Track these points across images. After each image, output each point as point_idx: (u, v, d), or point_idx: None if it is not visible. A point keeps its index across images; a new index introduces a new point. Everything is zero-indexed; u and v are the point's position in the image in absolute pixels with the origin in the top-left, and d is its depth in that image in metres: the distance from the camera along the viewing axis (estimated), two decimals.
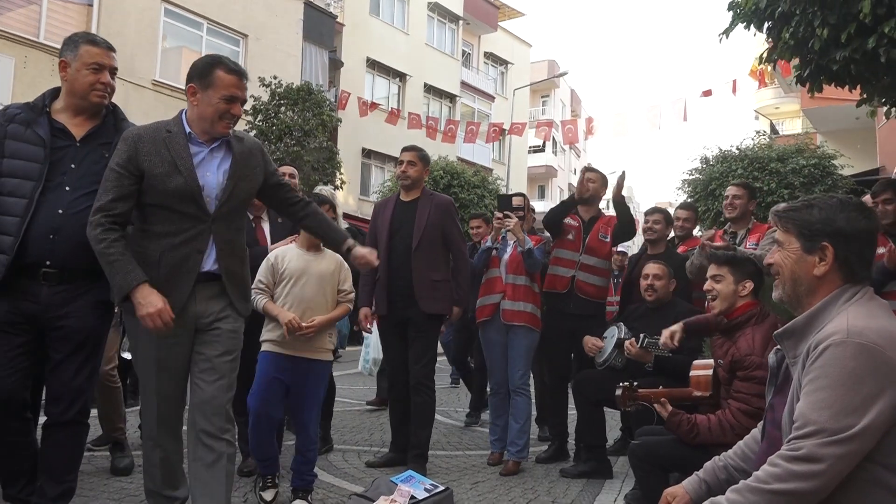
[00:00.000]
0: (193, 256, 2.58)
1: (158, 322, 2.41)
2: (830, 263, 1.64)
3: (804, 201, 1.73)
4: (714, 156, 12.62)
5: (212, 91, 2.55)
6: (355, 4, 21.01)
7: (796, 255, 1.68)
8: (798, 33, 4.08)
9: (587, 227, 4.58)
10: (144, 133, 2.57)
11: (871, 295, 1.63)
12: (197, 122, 2.60)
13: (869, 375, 1.45)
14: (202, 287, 2.61)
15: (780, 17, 4.21)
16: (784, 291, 1.72)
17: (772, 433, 1.73)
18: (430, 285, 4.19)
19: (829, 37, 3.90)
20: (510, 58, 30.10)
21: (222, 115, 2.57)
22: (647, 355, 3.69)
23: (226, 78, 2.56)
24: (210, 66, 2.58)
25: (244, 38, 15.88)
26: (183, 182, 2.52)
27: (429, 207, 4.29)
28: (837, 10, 3.78)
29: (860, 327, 1.50)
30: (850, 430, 1.44)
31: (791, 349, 1.67)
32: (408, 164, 4.33)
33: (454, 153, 22.05)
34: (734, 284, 2.92)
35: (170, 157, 2.52)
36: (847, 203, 1.67)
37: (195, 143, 2.60)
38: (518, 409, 4.41)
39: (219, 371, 2.63)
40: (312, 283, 3.44)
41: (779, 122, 25.87)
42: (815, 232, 1.65)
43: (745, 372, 2.72)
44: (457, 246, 4.35)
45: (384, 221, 4.31)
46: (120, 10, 13.20)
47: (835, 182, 11.45)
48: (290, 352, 3.39)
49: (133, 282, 2.42)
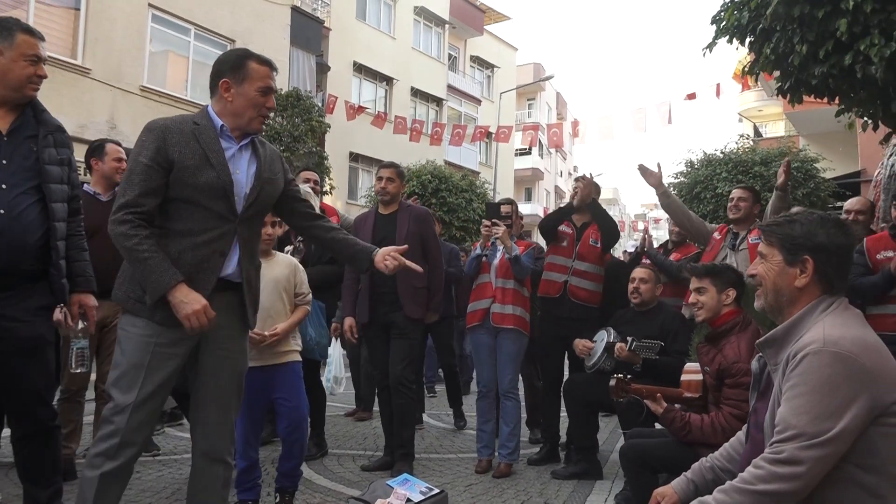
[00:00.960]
0: (215, 258, 2.41)
1: (203, 321, 2.28)
2: (811, 276, 1.74)
3: (787, 216, 1.84)
4: (699, 159, 12.82)
5: (247, 84, 2.44)
6: (342, 8, 21.06)
7: (779, 268, 1.79)
8: (779, 49, 4.23)
9: (579, 233, 4.72)
10: (171, 124, 2.42)
11: (847, 305, 1.74)
12: (231, 117, 2.47)
13: (844, 382, 1.56)
14: (218, 295, 2.41)
15: (762, 32, 4.36)
16: (766, 301, 1.82)
17: (755, 436, 1.84)
18: (413, 291, 4.33)
19: (808, 53, 4.05)
20: (496, 61, 30.25)
21: (259, 109, 2.47)
22: (635, 358, 3.81)
23: (260, 69, 2.46)
24: (242, 58, 2.48)
25: (232, 43, 15.83)
26: (215, 176, 2.37)
27: (408, 219, 4.45)
28: (816, 28, 3.92)
29: (836, 337, 1.61)
30: (827, 434, 1.54)
31: (772, 357, 1.77)
32: (387, 180, 4.49)
33: (441, 157, 22.15)
34: (718, 294, 3.02)
35: (200, 150, 2.37)
36: (826, 219, 1.78)
37: (226, 137, 2.47)
38: (508, 412, 4.50)
39: (229, 393, 2.53)
40: (269, 290, 3.32)
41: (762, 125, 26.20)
42: (797, 246, 1.76)
43: (733, 379, 2.82)
44: (433, 255, 4.50)
45: (366, 234, 4.40)
46: (107, 15, 13.17)
47: (817, 185, 11.66)
48: (259, 363, 3.31)
49: (171, 280, 2.26)
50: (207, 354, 2.47)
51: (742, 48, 5.00)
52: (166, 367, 2.37)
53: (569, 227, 4.76)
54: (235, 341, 2.53)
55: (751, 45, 4.70)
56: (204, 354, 2.47)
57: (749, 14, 4.32)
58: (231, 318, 2.50)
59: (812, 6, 3.84)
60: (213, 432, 2.50)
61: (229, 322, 2.50)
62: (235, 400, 2.57)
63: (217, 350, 2.48)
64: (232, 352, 2.51)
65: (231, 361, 2.51)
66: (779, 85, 4.72)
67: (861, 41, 3.74)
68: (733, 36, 4.65)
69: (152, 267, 2.26)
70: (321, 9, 20.23)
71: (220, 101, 2.48)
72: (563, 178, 43.93)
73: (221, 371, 2.50)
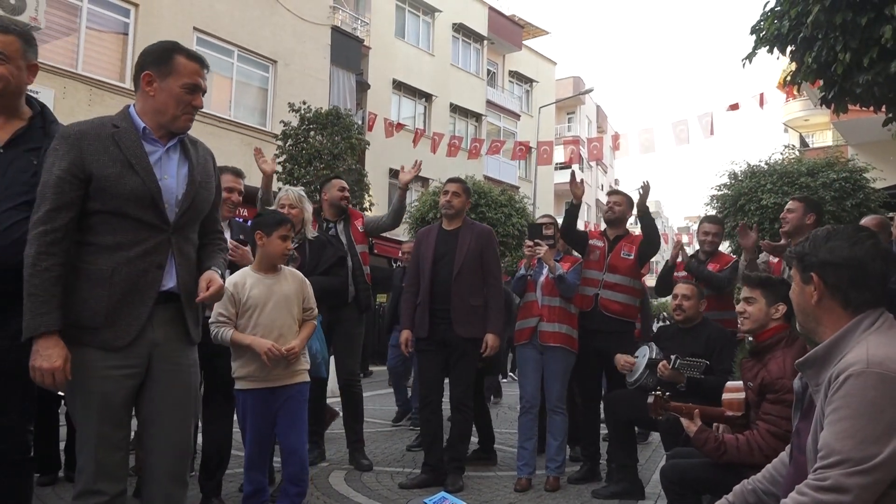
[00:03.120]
0: (152, 272, 2.23)
1: (49, 382, 2.07)
2: (821, 292, 1.72)
3: (807, 236, 1.83)
4: (742, 171, 12.54)
5: (172, 79, 2.25)
6: (381, 27, 21.32)
7: (798, 288, 1.79)
8: (821, 57, 4.12)
9: (611, 245, 4.69)
10: (87, 129, 2.21)
11: (892, 322, 1.66)
12: (153, 115, 2.28)
13: (890, 405, 1.49)
14: (160, 309, 2.26)
15: (803, 41, 4.26)
16: (798, 322, 1.83)
17: (798, 458, 1.77)
18: (469, 310, 4.38)
19: (852, 61, 3.94)
20: (535, 76, 30.22)
21: (185, 108, 2.29)
22: (679, 376, 3.72)
23: (188, 65, 2.27)
24: (169, 51, 2.28)
25: (274, 64, 16.20)
26: (140, 183, 2.19)
27: (470, 236, 4.50)
28: (859, 35, 3.81)
29: (880, 357, 1.54)
30: (874, 460, 1.47)
31: (813, 378, 1.71)
32: (452, 194, 4.57)
33: (480, 172, 22.17)
34: (766, 307, 2.92)
35: (121, 156, 2.18)
36: (836, 233, 1.74)
37: (149, 140, 2.27)
38: (556, 427, 4.49)
39: (184, 410, 2.35)
40: (280, 307, 3.28)
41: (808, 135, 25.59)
42: (807, 264, 1.75)
43: (775, 395, 2.73)
44: (492, 274, 4.52)
45: (428, 249, 4.52)
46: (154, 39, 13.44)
47: (867, 195, 11.29)
48: (269, 384, 3.23)
49: (41, 328, 2.06)
50: (158, 372, 2.29)
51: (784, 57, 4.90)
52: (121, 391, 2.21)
53: (601, 240, 4.77)
54: (184, 355, 2.36)
55: (792, 54, 4.60)
56: (154, 372, 2.28)
57: (789, 23, 4.22)
58: (177, 332, 2.34)
59: (855, 13, 3.74)
60: (177, 452, 2.33)
61: (175, 336, 2.34)
62: (192, 417, 2.41)
63: (167, 366, 2.30)
64: (182, 366, 2.35)
65: (183, 375, 2.35)
66: (822, 94, 4.60)
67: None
68: (774, 45, 4.55)
69: (32, 304, 2.08)
70: (361, 28, 20.51)
71: (143, 96, 2.29)
72: (603, 191, 43.56)
73: (174, 387, 2.31)
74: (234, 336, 3.19)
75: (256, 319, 3.23)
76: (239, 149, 14.66)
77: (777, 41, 4.46)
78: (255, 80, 16.09)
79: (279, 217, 3.47)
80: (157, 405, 2.28)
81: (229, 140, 14.60)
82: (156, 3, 13.71)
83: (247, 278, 3.29)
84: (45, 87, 11.82)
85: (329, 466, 4.76)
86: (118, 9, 13.30)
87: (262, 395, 3.25)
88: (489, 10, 26.42)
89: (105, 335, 2.17)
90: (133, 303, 2.20)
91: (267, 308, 3.25)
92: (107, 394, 2.17)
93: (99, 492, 2.17)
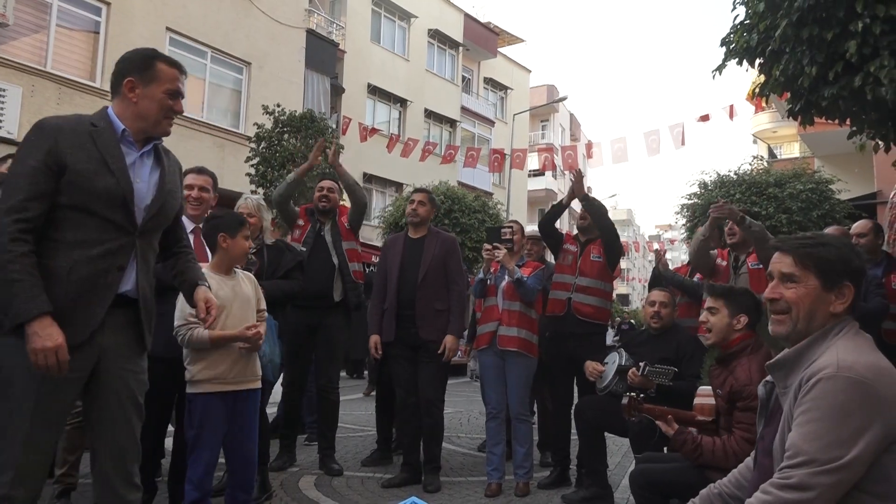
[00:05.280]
0: (112, 273, 2.21)
1: (52, 361, 2.04)
2: (849, 302, 1.71)
3: (811, 237, 1.79)
4: (712, 181, 12.75)
5: (155, 86, 2.31)
6: (356, 31, 21.30)
7: (816, 293, 1.72)
8: (788, 70, 4.23)
9: (582, 249, 4.75)
10: (65, 124, 2.22)
11: (857, 329, 1.71)
12: (134, 120, 2.31)
13: (858, 409, 1.53)
14: (115, 311, 2.23)
15: (771, 54, 4.37)
16: (795, 329, 1.74)
17: (763, 462, 1.80)
18: (433, 314, 4.50)
19: (818, 74, 4.05)
20: (510, 83, 30.41)
21: (167, 112, 2.34)
22: (649, 383, 3.74)
23: (169, 71, 2.34)
24: (150, 58, 2.34)
25: (247, 66, 16.09)
26: (114, 183, 2.19)
27: (434, 244, 4.63)
28: (825, 50, 3.93)
29: (850, 362, 1.58)
30: (839, 461, 1.51)
31: (782, 380, 1.74)
32: (418, 203, 4.71)
33: (454, 178, 22.20)
34: (729, 318, 2.95)
35: (97, 154, 2.19)
36: (852, 244, 1.76)
37: (127, 143, 2.30)
38: (520, 434, 4.49)
39: (129, 413, 2.30)
40: (244, 307, 3.30)
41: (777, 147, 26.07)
42: (837, 272, 1.71)
43: (744, 402, 2.78)
44: (454, 280, 4.63)
45: (395, 256, 4.68)
46: (125, 39, 13.38)
47: (832, 206, 11.55)
48: (232, 386, 3.22)
49: (34, 311, 2.04)
50: (107, 375, 2.25)
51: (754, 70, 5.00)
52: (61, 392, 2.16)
53: (573, 244, 4.82)
54: (135, 360, 2.34)
55: (760, 66, 4.71)
56: (104, 376, 2.25)
57: (758, 36, 4.33)
58: (129, 337, 2.32)
59: (821, 28, 3.84)
60: (127, 456, 2.30)
61: (127, 341, 2.32)
62: (139, 421, 2.35)
63: (117, 370, 2.27)
64: (133, 371, 2.32)
65: (133, 381, 2.32)
66: (789, 107, 4.71)
67: (871, 63, 3.73)
68: (743, 58, 4.66)
69: (19, 290, 2.04)
70: (336, 31, 20.46)
71: (124, 101, 2.32)
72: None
73: (124, 391, 2.28)
74: (213, 335, 3.10)
75: (224, 321, 3.19)
76: (211, 151, 14.52)
77: (746, 54, 4.57)
78: (229, 82, 15.96)
79: (240, 217, 3.47)
80: (103, 408, 2.26)
81: (201, 142, 14.45)
82: (128, 2, 13.55)
83: (209, 280, 3.23)
84: (13, 84, 11.62)
85: (299, 471, 4.72)
86: (90, 7, 13.11)
87: (226, 398, 3.20)
88: (465, 17, 26.57)
89: None
90: (89, 303, 2.17)
91: (234, 309, 3.25)
92: (45, 393, 2.11)
93: (12, 498, 2.08)
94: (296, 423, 5.02)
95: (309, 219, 5.08)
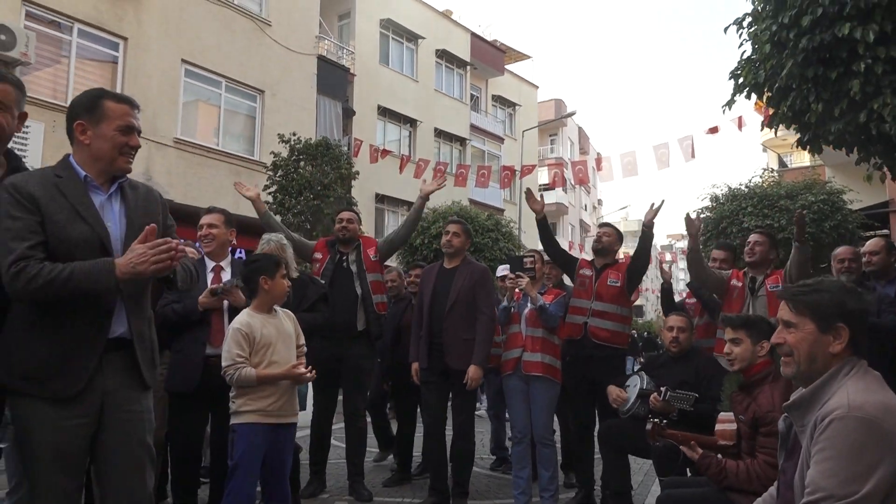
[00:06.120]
0: (100, 320, 2.23)
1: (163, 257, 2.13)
2: (846, 342, 1.84)
3: (808, 285, 1.94)
4: (723, 194, 12.82)
5: (105, 124, 2.29)
6: (365, 54, 21.59)
7: (813, 336, 1.87)
8: (795, 106, 4.38)
9: (598, 274, 4.87)
10: (30, 178, 2.23)
11: (867, 369, 1.85)
12: (92, 163, 2.30)
13: (869, 446, 1.67)
14: (110, 356, 2.25)
15: (778, 90, 4.53)
16: (799, 370, 1.89)
17: (785, 494, 1.94)
18: (461, 343, 4.62)
19: (824, 111, 4.21)
20: (517, 99, 30.63)
21: (121, 149, 2.31)
22: (670, 407, 3.86)
23: (117, 107, 2.31)
24: (96, 98, 2.32)
25: (261, 93, 16.37)
26: (88, 230, 2.21)
27: (465, 275, 4.75)
28: (830, 88, 4.08)
29: (860, 402, 1.72)
30: (855, 496, 1.64)
31: (799, 419, 1.88)
32: (453, 234, 4.86)
33: (465, 196, 22.38)
34: (752, 346, 3.10)
35: (67, 204, 2.20)
36: (847, 287, 1.90)
37: (93, 188, 2.30)
38: (545, 458, 4.62)
39: (140, 459, 2.31)
40: (287, 344, 3.45)
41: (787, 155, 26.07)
42: (830, 314, 1.85)
43: (767, 428, 2.89)
44: (481, 310, 4.71)
45: (428, 285, 4.85)
46: (143, 71, 13.70)
47: (844, 217, 11.58)
48: (276, 420, 3.34)
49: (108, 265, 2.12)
50: (110, 421, 2.26)
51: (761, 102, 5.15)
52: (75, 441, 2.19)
53: (589, 268, 4.95)
54: (138, 402, 2.34)
55: (768, 100, 4.86)
56: (108, 421, 2.26)
57: (765, 73, 4.49)
58: (129, 379, 2.32)
59: (825, 68, 4.01)
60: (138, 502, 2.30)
61: (128, 383, 2.31)
62: (150, 464, 2.36)
63: (121, 414, 2.27)
64: (137, 413, 2.32)
65: (139, 424, 2.32)
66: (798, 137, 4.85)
67: (874, 100, 3.89)
68: (752, 92, 4.82)
69: (81, 273, 2.10)
70: (346, 56, 20.76)
71: (79, 145, 2.32)
72: (587, 211, 43.96)
73: (130, 436, 2.29)
74: (260, 373, 3.27)
75: (271, 357, 3.35)
76: (227, 178, 14.74)
77: (755, 88, 4.74)
78: (243, 110, 16.24)
79: (275, 258, 3.63)
80: (109, 457, 2.26)
81: (217, 170, 14.71)
82: (144, 35, 13.85)
83: (251, 320, 3.38)
84: (35, 120, 11.88)
85: (329, 497, 4.85)
86: (107, 42, 13.41)
87: (269, 431, 3.32)
88: (472, 36, 26.83)
89: (54, 385, 2.14)
90: (81, 351, 2.18)
91: (278, 346, 3.39)
92: (60, 445, 2.15)
93: None
94: (325, 451, 5.14)
95: (328, 251, 5.19)
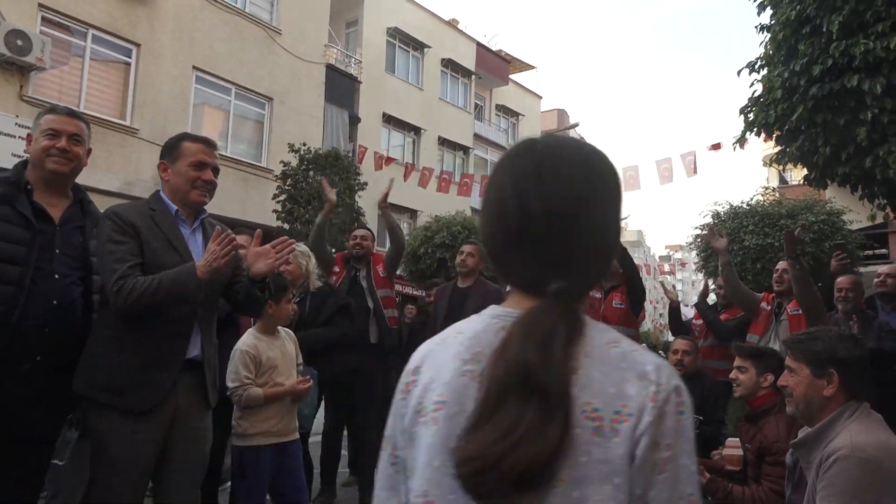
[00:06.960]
0: (178, 341, 2.44)
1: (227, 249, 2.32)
2: (837, 386, 2.03)
3: (807, 333, 2.15)
4: (725, 211, 12.96)
5: (180, 162, 2.56)
6: (372, 62, 21.76)
7: (808, 380, 2.08)
8: (804, 147, 4.56)
9: (604, 296, 4.98)
10: (129, 208, 2.49)
11: (869, 411, 2.03)
12: (174, 196, 2.57)
13: (869, 485, 1.84)
14: (183, 376, 2.45)
15: (788, 132, 4.71)
16: (798, 409, 2.11)
17: None
18: None
19: (832, 154, 4.39)
20: (521, 109, 30.81)
21: (194, 183, 2.55)
22: None
23: (192, 146, 2.59)
24: (177, 141, 2.62)
25: (270, 101, 16.55)
26: (179, 259, 2.43)
27: (476, 296, 4.86)
28: (838, 133, 4.27)
29: (862, 443, 1.90)
30: None
31: (805, 456, 2.07)
32: (467, 255, 5.00)
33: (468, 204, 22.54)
34: (756, 377, 3.24)
35: (161, 234, 2.46)
36: (843, 336, 2.08)
37: (181, 221, 2.57)
38: None
39: (195, 473, 2.55)
40: (288, 364, 3.54)
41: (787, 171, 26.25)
42: (823, 361, 2.05)
43: (773, 457, 3.03)
44: None
45: (443, 303, 4.98)
46: (155, 79, 13.87)
47: (844, 237, 11.72)
48: (282, 438, 3.41)
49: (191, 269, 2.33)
50: (179, 433, 2.45)
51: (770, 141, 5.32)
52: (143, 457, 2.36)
53: (597, 290, 5.01)
54: (202, 419, 2.58)
55: (777, 139, 5.05)
56: (173, 436, 2.45)
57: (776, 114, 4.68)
58: (197, 398, 2.54)
59: (834, 115, 4.20)
60: None
61: (196, 401, 2.54)
62: (200, 479, 2.60)
63: (186, 429, 2.48)
64: (200, 430, 2.56)
65: (201, 439, 2.56)
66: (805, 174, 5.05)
67: (880, 147, 4.07)
68: (762, 129, 5.01)
69: (168, 279, 2.30)
70: (353, 64, 20.94)
71: (164, 183, 2.61)
72: None
73: (191, 449, 2.50)
74: (267, 392, 3.33)
75: (276, 379, 3.43)
76: (235, 184, 14.92)
77: (765, 127, 4.92)
78: (252, 117, 16.41)
79: (283, 283, 3.65)
80: (172, 469, 2.45)
81: (225, 176, 14.70)
82: (157, 42, 14.03)
83: (257, 342, 3.45)
84: None
85: None
86: (121, 48, 13.59)
87: (275, 450, 3.39)
88: (477, 46, 27.04)
89: (132, 398, 2.32)
90: (158, 369, 2.37)
91: (281, 367, 3.48)
92: (129, 458, 2.31)
93: None
94: (336, 461, 5.27)
95: (345, 266, 5.33)
